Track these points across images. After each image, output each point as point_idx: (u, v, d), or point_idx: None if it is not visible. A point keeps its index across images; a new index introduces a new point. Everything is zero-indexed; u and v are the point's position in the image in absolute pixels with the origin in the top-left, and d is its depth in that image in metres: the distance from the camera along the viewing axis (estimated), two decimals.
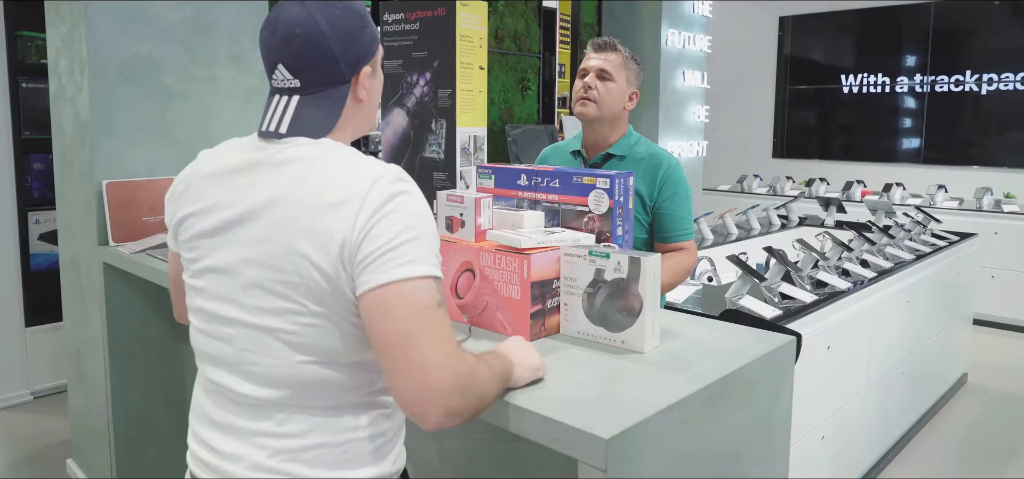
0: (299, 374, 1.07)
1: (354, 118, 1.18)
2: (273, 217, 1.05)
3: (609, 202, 1.58)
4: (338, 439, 1.09)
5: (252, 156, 1.12)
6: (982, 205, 5.70)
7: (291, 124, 1.11)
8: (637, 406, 1.12)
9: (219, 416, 1.14)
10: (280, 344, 1.06)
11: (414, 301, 0.99)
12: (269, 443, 1.09)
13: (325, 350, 1.06)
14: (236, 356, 1.10)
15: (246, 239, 1.07)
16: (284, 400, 1.08)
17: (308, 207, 1.03)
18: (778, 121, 8.19)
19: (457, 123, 1.94)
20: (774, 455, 1.45)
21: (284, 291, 1.04)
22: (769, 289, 2.61)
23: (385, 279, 0.99)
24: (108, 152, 2.57)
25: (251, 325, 1.08)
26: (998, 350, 5.05)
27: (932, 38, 7.09)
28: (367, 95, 1.18)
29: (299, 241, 1.02)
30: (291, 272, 1.03)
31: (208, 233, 1.12)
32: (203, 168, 1.17)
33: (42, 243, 3.83)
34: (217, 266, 1.10)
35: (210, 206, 1.12)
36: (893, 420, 3.35)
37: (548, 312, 1.46)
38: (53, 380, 3.86)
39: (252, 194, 1.08)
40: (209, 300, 1.13)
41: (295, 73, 1.11)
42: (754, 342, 1.44)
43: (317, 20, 1.09)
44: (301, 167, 1.07)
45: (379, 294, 0.99)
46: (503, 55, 5.19)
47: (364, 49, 1.15)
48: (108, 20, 2.53)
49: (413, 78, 2.00)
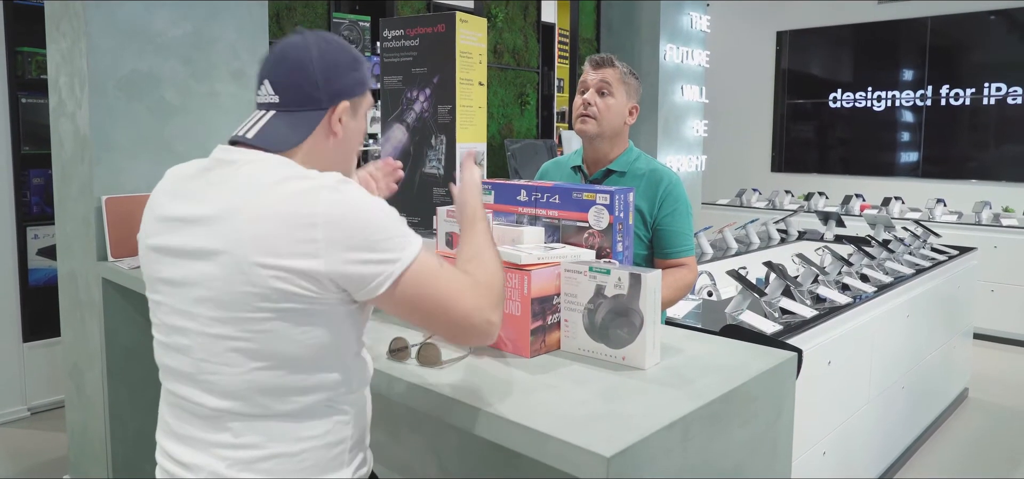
0: (254, 382, 1.09)
1: (325, 151, 1.19)
2: (221, 229, 1.07)
3: (609, 218, 1.58)
4: (295, 448, 1.11)
5: (203, 171, 1.16)
6: (981, 219, 5.70)
7: (259, 132, 1.16)
8: (638, 423, 1.11)
9: (180, 428, 1.17)
10: (234, 353, 1.08)
11: (420, 283, 1.09)
12: (228, 454, 1.11)
13: (279, 356, 1.08)
14: (193, 367, 1.13)
15: (195, 252, 1.10)
16: (241, 410, 1.10)
17: (256, 219, 1.05)
18: (776, 135, 8.21)
19: (457, 139, 1.94)
20: (776, 471, 1.44)
21: (236, 300, 1.06)
22: (769, 304, 2.60)
23: (388, 283, 1.07)
24: (108, 167, 2.57)
25: (205, 335, 1.10)
26: (999, 364, 5.03)
27: (929, 52, 7.12)
28: (342, 131, 1.20)
29: (249, 250, 1.04)
30: (242, 281, 1.05)
31: (161, 248, 1.16)
32: (162, 184, 1.23)
33: (40, 258, 3.82)
34: (169, 278, 1.14)
35: (163, 222, 1.17)
36: (895, 435, 3.33)
37: (548, 328, 1.46)
38: (50, 396, 3.84)
39: (199, 207, 1.11)
40: (165, 313, 1.16)
41: (277, 89, 1.18)
42: (755, 358, 1.43)
43: (309, 47, 1.17)
44: (247, 183, 1.09)
45: (392, 294, 1.08)
46: (502, 70, 5.21)
47: (347, 86, 1.20)
48: (109, 36, 2.53)
49: (413, 94, 2.01)
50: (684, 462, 1.17)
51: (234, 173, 1.11)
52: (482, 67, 1.99)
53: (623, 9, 5.75)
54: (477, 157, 1.95)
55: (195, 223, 1.10)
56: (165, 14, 2.66)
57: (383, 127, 2.08)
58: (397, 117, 2.05)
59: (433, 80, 1.96)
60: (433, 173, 1.99)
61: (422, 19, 1.98)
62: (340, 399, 1.15)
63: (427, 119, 1.98)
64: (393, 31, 2.03)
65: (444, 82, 1.94)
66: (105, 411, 2.62)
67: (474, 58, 1.97)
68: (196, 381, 1.12)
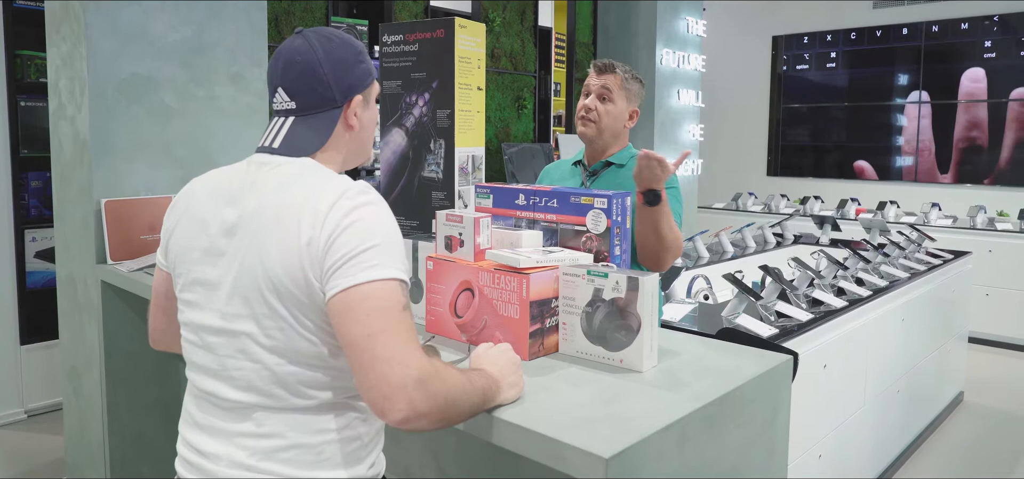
0: (275, 376, 1.13)
1: (345, 145, 1.26)
2: (250, 228, 1.13)
3: (607, 222, 1.59)
4: (314, 440, 1.14)
5: (239, 178, 1.20)
6: (976, 223, 5.73)
7: (284, 140, 1.21)
8: (636, 425, 1.13)
9: (204, 419, 1.20)
10: (257, 347, 1.12)
11: (379, 302, 1.05)
12: (250, 443, 1.14)
13: (298, 353, 1.12)
14: (218, 363, 1.16)
15: (231, 251, 1.15)
16: (263, 403, 1.14)
17: (278, 218, 1.10)
18: (772, 139, 8.24)
19: (456, 143, 1.95)
20: (771, 473, 1.46)
21: (257, 297, 1.11)
22: (765, 308, 2.62)
23: (350, 282, 1.05)
24: (107, 170, 2.57)
25: (229, 331, 1.15)
26: (994, 368, 5.06)
27: (924, 56, 7.16)
28: (358, 123, 1.25)
29: (270, 249, 1.10)
30: (262, 278, 1.10)
31: (197, 249, 1.19)
32: (199, 187, 1.25)
33: (38, 261, 3.82)
34: (203, 279, 1.18)
35: (202, 222, 1.19)
36: (890, 438, 3.35)
37: (547, 331, 1.47)
38: (48, 398, 3.84)
39: (238, 209, 1.16)
40: (195, 312, 1.19)
41: (292, 96, 1.22)
42: (751, 361, 1.45)
43: (315, 49, 1.20)
44: (277, 183, 1.15)
45: (345, 297, 1.06)
46: (499, 74, 5.22)
47: (357, 79, 1.24)
48: (108, 40, 2.54)
49: (412, 98, 2.02)
50: (681, 464, 1.18)
51: (266, 175, 1.17)
52: (481, 72, 2.01)
53: (620, 13, 5.77)
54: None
55: (233, 224, 1.15)
56: (165, 18, 2.67)
57: (382, 131, 2.10)
58: (396, 122, 2.06)
59: (432, 85, 1.97)
60: (432, 177, 2.00)
61: (421, 25, 1.99)
62: (356, 397, 1.17)
63: (426, 123, 2.00)
64: (392, 36, 2.04)
65: (443, 87, 1.95)
66: (103, 414, 2.63)
67: (473, 63, 1.98)
68: (219, 376, 1.16)
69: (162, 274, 1.30)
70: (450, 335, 1.56)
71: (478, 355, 1.26)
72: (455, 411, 1.08)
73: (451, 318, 1.55)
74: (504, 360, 1.24)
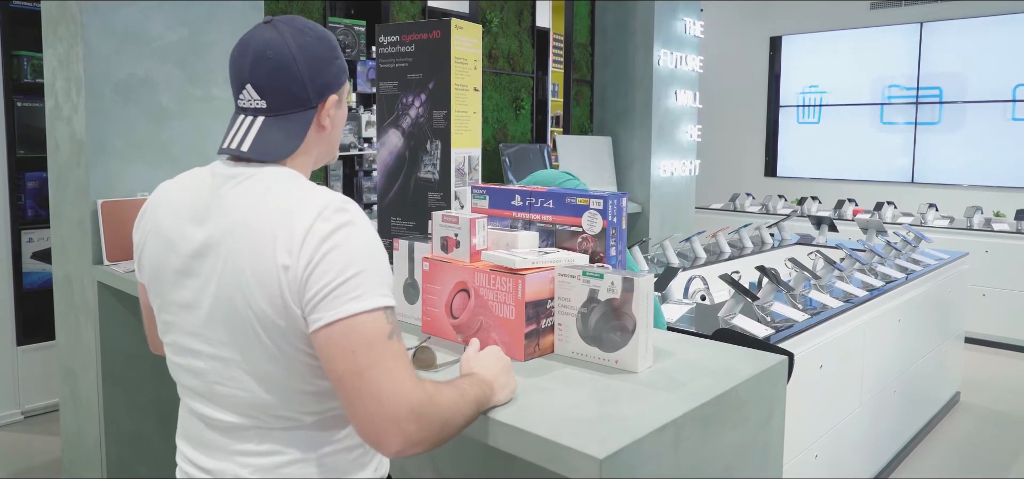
0: (266, 401, 1.09)
1: (317, 146, 1.19)
2: (221, 252, 1.07)
3: (603, 223, 1.59)
4: (316, 453, 1.12)
5: (208, 189, 1.12)
6: (972, 224, 5.74)
7: (254, 143, 1.12)
8: (631, 426, 1.13)
9: (201, 437, 1.16)
10: (244, 374, 1.08)
11: (364, 335, 1.00)
12: (251, 461, 1.11)
13: (289, 377, 1.08)
14: (206, 387, 1.12)
15: (205, 272, 1.09)
16: (259, 424, 1.11)
17: (251, 242, 1.04)
18: (770, 140, 8.25)
19: (452, 144, 1.95)
20: (767, 473, 1.46)
21: (238, 326, 1.06)
22: (762, 308, 2.62)
23: (333, 317, 1.00)
24: (103, 171, 2.57)
25: (216, 357, 1.10)
26: (990, 369, 5.07)
27: (921, 58, 7.17)
28: (330, 124, 1.19)
29: (246, 276, 1.04)
30: (242, 307, 1.05)
31: (170, 269, 1.13)
32: (163, 201, 1.18)
33: (35, 262, 3.82)
34: (181, 301, 1.13)
35: (169, 243, 1.13)
36: (886, 439, 3.35)
37: (542, 332, 1.47)
38: (44, 399, 3.83)
39: (207, 229, 1.09)
40: (177, 334, 1.15)
41: (262, 94, 1.12)
42: (747, 361, 1.45)
43: (289, 44, 1.11)
44: (248, 202, 1.07)
45: (328, 332, 1.00)
46: (497, 75, 5.22)
47: (333, 78, 1.17)
48: (105, 41, 2.54)
49: (408, 99, 2.02)
50: (676, 464, 1.18)
51: (235, 190, 1.09)
52: (477, 73, 2.01)
53: (617, 14, 5.78)
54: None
55: (202, 244, 1.09)
56: (162, 19, 2.67)
57: (379, 132, 2.10)
58: (393, 122, 2.06)
59: (429, 85, 1.97)
60: (428, 178, 2.00)
61: (418, 26, 1.99)
62: None
63: (422, 124, 2.00)
64: (389, 37, 2.04)
65: (439, 87, 1.95)
66: (99, 414, 2.63)
67: (469, 64, 1.98)
68: (211, 400, 1.13)
69: (143, 287, 1.25)
70: (446, 335, 1.56)
71: (468, 358, 1.24)
72: (451, 430, 1.06)
73: (447, 319, 1.55)
74: (495, 363, 1.22)
